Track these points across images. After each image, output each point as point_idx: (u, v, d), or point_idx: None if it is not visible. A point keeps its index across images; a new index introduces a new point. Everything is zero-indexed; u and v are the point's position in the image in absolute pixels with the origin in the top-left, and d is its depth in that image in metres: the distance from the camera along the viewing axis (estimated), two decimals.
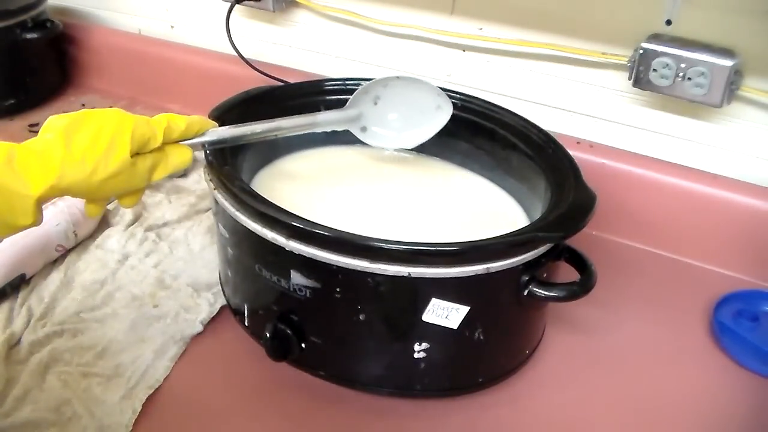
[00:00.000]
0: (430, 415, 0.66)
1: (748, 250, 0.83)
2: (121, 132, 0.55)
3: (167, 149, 0.60)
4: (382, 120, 0.78)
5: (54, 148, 0.53)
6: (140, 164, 0.57)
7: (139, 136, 0.57)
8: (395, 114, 0.77)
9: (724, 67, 0.77)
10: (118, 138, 0.55)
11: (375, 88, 0.77)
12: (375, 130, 0.78)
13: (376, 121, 0.77)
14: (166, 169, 0.60)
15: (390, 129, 0.78)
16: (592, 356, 0.73)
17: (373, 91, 0.77)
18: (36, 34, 1.08)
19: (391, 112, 0.77)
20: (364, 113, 0.76)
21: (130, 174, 0.57)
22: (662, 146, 0.88)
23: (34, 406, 0.63)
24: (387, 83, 0.77)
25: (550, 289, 0.62)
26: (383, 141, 0.79)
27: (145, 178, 0.58)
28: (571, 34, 0.87)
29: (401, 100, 0.77)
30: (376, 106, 0.77)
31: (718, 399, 0.69)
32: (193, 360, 0.69)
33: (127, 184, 0.57)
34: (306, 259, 0.58)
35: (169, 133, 0.59)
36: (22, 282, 0.76)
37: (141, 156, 0.58)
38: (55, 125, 0.55)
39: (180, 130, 0.60)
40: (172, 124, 0.60)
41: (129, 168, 0.56)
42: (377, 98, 0.77)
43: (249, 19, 1.08)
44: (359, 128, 0.77)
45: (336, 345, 0.64)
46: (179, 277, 0.78)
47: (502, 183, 0.79)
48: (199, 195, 0.92)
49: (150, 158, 0.58)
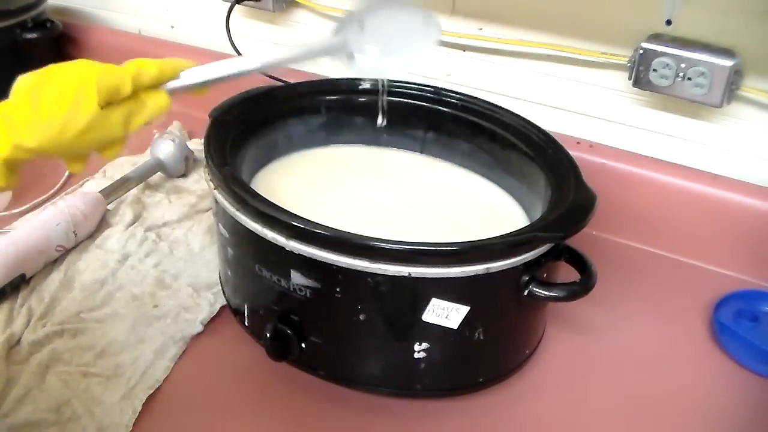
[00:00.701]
0: (430, 415, 0.66)
1: (748, 250, 0.83)
2: (85, 84, 0.53)
3: (142, 96, 0.57)
4: (368, 46, 0.72)
5: (19, 109, 0.52)
6: (113, 115, 0.55)
7: (106, 86, 0.54)
8: (382, 39, 0.73)
9: (724, 67, 0.77)
10: (83, 91, 0.53)
11: (360, 14, 0.71)
12: (361, 56, 0.73)
13: (362, 48, 0.71)
14: (143, 116, 0.57)
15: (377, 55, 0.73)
16: (592, 356, 0.73)
17: (357, 17, 0.71)
18: (36, 34, 1.08)
19: (377, 38, 0.73)
20: (350, 40, 0.71)
21: (103, 126, 0.54)
22: (662, 146, 0.88)
23: (34, 406, 0.63)
24: (372, 7, 0.72)
25: (550, 289, 0.62)
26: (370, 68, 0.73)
27: (121, 128, 0.56)
28: (571, 34, 0.87)
29: (387, 25, 0.72)
30: (362, 31, 0.73)
31: (718, 399, 0.69)
32: (193, 360, 0.69)
33: (102, 137, 0.55)
34: (306, 259, 0.58)
35: (139, 80, 0.56)
36: (22, 282, 0.75)
37: (113, 106, 0.55)
38: (21, 86, 0.54)
39: (151, 75, 0.57)
40: (142, 69, 0.57)
41: (101, 120, 0.54)
42: (362, 23, 0.73)
43: (249, 19, 1.08)
44: (345, 56, 0.71)
45: (336, 345, 0.64)
46: (179, 277, 0.78)
47: (502, 183, 0.79)
48: (199, 195, 0.92)
49: (123, 107, 0.55)
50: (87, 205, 0.82)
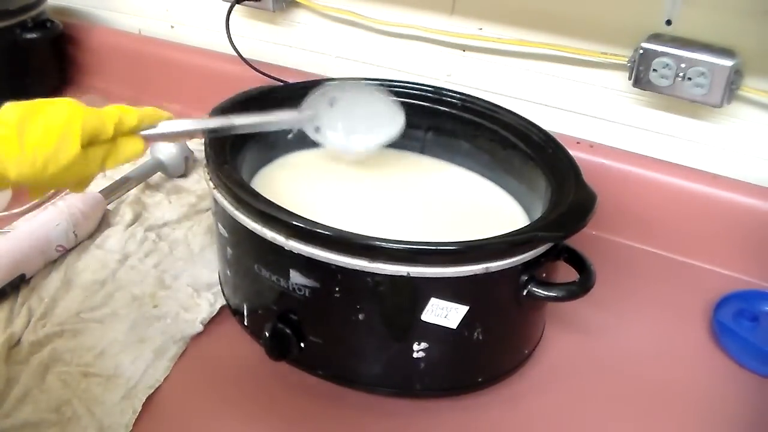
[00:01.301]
0: (430, 414, 0.65)
1: (748, 250, 0.83)
2: (71, 125, 0.55)
3: (119, 140, 0.59)
4: (335, 123, 0.77)
5: (4, 141, 0.53)
6: (91, 155, 0.57)
7: (90, 128, 0.56)
8: (349, 118, 0.77)
9: (724, 67, 0.77)
10: (69, 132, 0.55)
11: (332, 90, 0.76)
12: (328, 131, 0.77)
13: (330, 123, 0.77)
14: (117, 159, 0.59)
15: (342, 132, 0.78)
16: (591, 356, 0.73)
17: (329, 94, 0.76)
18: (36, 34, 1.08)
19: (345, 116, 0.77)
20: (319, 114, 0.76)
21: (82, 165, 0.56)
22: (662, 146, 0.88)
23: (34, 407, 0.63)
24: (344, 87, 0.77)
25: (549, 289, 0.62)
26: (335, 142, 0.78)
27: (96, 167, 0.58)
28: (571, 34, 0.87)
29: (357, 105, 0.77)
30: (332, 108, 0.77)
31: (718, 399, 0.69)
32: (193, 360, 0.69)
33: (77, 176, 0.57)
34: (305, 258, 0.58)
35: (120, 126, 0.59)
36: (22, 282, 0.75)
37: (92, 147, 0.57)
38: (8, 117, 0.55)
39: (131, 125, 0.60)
40: (124, 118, 0.59)
41: (80, 160, 0.56)
42: (333, 100, 0.77)
43: (249, 19, 1.08)
44: (313, 128, 0.77)
45: (335, 344, 0.64)
46: (179, 277, 0.78)
47: (502, 182, 0.79)
48: (199, 195, 0.92)
49: (101, 149, 0.58)
50: (87, 205, 0.82)
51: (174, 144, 0.93)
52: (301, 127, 0.77)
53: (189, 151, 0.96)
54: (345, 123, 0.77)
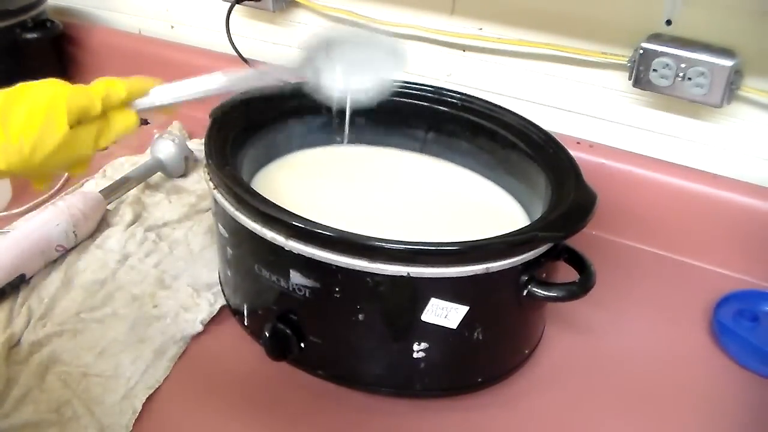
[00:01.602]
0: (430, 415, 0.65)
1: (748, 250, 0.83)
2: (55, 106, 0.53)
3: (110, 115, 0.57)
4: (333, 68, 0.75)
5: None
6: (82, 134, 0.55)
7: (76, 107, 0.54)
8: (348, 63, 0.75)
9: (724, 67, 0.77)
10: (54, 113, 0.53)
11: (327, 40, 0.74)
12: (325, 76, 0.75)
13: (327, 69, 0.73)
14: (110, 135, 0.57)
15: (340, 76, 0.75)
16: (591, 356, 0.73)
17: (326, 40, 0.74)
18: (36, 34, 1.08)
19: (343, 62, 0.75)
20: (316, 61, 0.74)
21: (73, 146, 0.54)
22: (662, 146, 0.88)
23: (34, 407, 0.63)
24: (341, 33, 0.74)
25: (549, 289, 0.62)
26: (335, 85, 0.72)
27: (89, 146, 0.56)
28: (571, 34, 0.87)
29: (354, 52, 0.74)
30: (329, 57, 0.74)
31: (718, 399, 0.69)
32: (193, 360, 0.69)
33: (70, 157, 0.55)
34: (305, 258, 0.58)
35: (108, 100, 0.57)
36: (22, 282, 0.75)
37: (82, 126, 0.55)
38: None
39: (120, 98, 0.57)
40: (111, 91, 0.57)
41: (70, 140, 0.54)
42: (329, 50, 0.74)
43: (249, 19, 1.08)
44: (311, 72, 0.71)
45: (335, 345, 0.64)
46: (179, 277, 0.78)
47: (503, 182, 0.79)
48: (199, 195, 0.92)
49: (91, 127, 0.56)
50: (87, 205, 0.82)
51: (174, 144, 0.93)
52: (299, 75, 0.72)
53: (189, 151, 0.96)
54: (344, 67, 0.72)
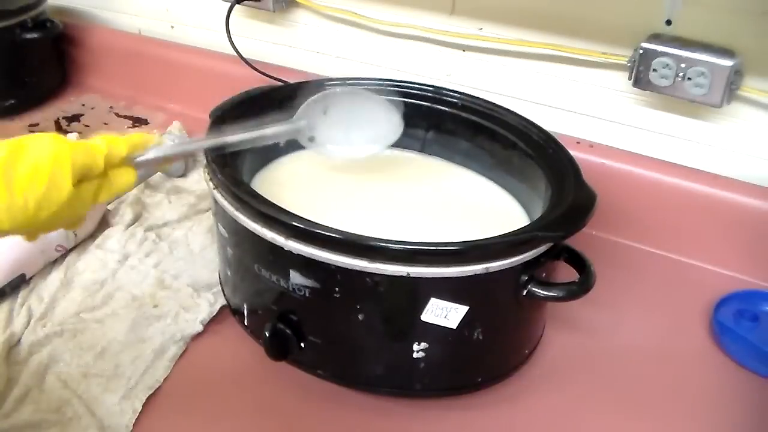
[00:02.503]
0: (430, 415, 0.66)
1: (748, 250, 0.83)
2: (60, 163, 0.51)
3: (110, 172, 0.56)
4: (330, 131, 0.75)
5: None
6: (83, 192, 0.54)
7: (80, 165, 0.53)
8: (344, 125, 0.76)
9: (724, 67, 0.77)
10: (58, 170, 0.51)
11: (325, 98, 0.75)
12: (323, 140, 0.75)
13: (324, 132, 0.74)
14: (110, 193, 0.57)
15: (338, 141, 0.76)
16: (591, 356, 0.73)
17: (322, 102, 0.74)
18: (36, 34, 1.08)
19: (340, 123, 0.75)
20: (312, 123, 0.74)
21: (74, 204, 0.53)
22: (662, 146, 0.88)
23: (34, 407, 0.63)
24: (337, 94, 0.75)
25: (549, 289, 0.62)
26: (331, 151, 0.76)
27: (88, 204, 0.55)
28: (571, 34, 0.87)
29: (351, 111, 0.75)
30: (325, 116, 0.75)
31: (718, 399, 0.69)
32: (193, 360, 0.69)
33: (71, 214, 0.54)
34: (305, 258, 0.58)
35: (110, 159, 0.56)
36: (22, 282, 0.76)
37: (83, 183, 0.54)
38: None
39: (122, 155, 0.57)
40: (113, 150, 0.56)
41: (73, 199, 0.53)
42: (327, 108, 0.75)
43: (249, 19, 1.08)
44: (307, 138, 0.74)
45: (335, 345, 0.64)
46: (179, 277, 0.78)
47: (503, 182, 0.79)
48: (199, 195, 0.92)
49: (93, 184, 0.55)
50: None
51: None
52: (294, 138, 0.74)
53: None
54: (340, 130, 0.75)
